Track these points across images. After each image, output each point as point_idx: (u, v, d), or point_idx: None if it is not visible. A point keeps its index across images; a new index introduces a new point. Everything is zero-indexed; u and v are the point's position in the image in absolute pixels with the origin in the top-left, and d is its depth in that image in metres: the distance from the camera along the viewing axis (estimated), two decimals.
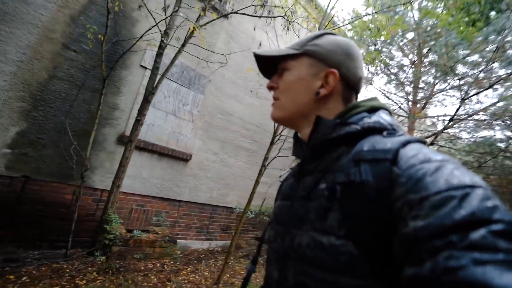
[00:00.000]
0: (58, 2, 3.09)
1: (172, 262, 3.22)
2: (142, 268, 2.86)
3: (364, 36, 4.89)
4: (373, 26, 4.07)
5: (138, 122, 3.05)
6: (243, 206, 4.78)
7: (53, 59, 3.04)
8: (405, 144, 0.40)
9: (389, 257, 0.35)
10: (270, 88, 0.60)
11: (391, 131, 0.46)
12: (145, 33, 3.15)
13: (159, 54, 3.19)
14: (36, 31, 2.94)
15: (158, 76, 3.21)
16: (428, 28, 5.64)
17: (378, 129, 0.47)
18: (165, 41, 3.19)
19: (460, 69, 5.62)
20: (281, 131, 3.29)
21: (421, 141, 0.42)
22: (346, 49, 0.56)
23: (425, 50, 6.28)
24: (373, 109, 0.51)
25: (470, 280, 0.25)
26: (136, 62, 3.65)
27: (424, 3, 5.34)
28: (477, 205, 0.29)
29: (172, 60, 3.21)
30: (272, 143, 3.07)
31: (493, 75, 5.54)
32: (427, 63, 6.52)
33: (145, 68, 3.70)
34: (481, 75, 5.24)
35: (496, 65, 5.12)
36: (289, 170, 0.70)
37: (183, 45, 3.23)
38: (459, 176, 0.32)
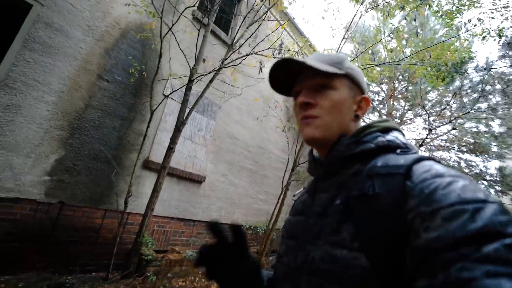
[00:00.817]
0: (95, 36, 3.30)
1: (198, 278, 3.46)
2: (177, 286, 3.08)
3: None
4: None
5: (171, 150, 3.32)
6: (249, 223, 5.14)
7: (89, 89, 3.21)
8: (418, 161, 0.42)
9: (401, 271, 0.35)
10: (305, 103, 0.56)
11: (405, 149, 0.48)
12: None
13: (188, 88, 3.53)
14: (76, 63, 3.11)
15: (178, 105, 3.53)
16: (405, 73, 6.89)
17: (392, 147, 0.49)
18: (194, 75, 3.54)
19: (428, 107, 6.92)
20: (298, 158, 3.77)
21: (434, 159, 0.43)
22: (364, 77, 0.61)
23: (397, 85, 7.50)
24: (387, 130, 0.53)
25: None
26: (159, 91, 3.92)
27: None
28: (490, 218, 0.29)
29: (200, 94, 3.56)
30: (292, 169, 3.54)
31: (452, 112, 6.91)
32: (400, 96, 7.75)
33: (167, 97, 3.98)
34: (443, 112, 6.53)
35: (454, 106, 6.49)
36: (302, 189, 0.70)
37: (211, 81, 3.61)
38: (472, 190, 0.33)
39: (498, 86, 6.32)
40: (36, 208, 2.76)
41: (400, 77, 6.93)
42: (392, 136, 0.51)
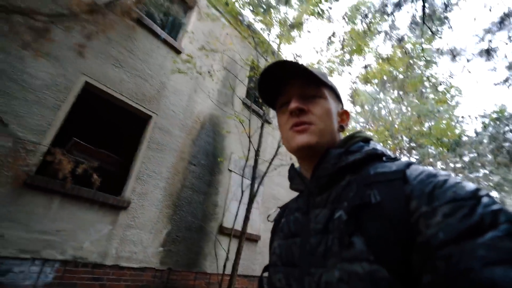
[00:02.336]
0: (186, 131, 4.33)
1: None
2: None
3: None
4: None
5: (248, 218, 4.15)
6: None
7: (183, 173, 4.13)
8: (409, 165, 0.45)
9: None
10: (299, 110, 0.56)
11: (389, 157, 0.51)
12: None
13: (254, 167, 4.50)
14: (175, 154, 4.08)
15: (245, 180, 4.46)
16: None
17: (378, 155, 0.51)
18: (259, 155, 4.54)
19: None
20: None
21: (419, 163, 0.54)
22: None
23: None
24: (367, 139, 0.56)
25: (480, 282, 0.27)
26: (225, 167, 4.86)
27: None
28: (484, 211, 0.32)
29: (265, 171, 4.52)
30: None
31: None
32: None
33: (231, 171, 4.92)
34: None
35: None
36: (277, 210, 0.72)
37: (272, 159, 4.61)
38: (465, 186, 0.36)
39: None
40: (154, 274, 3.45)
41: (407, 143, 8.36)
42: (374, 145, 0.54)
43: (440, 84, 5.04)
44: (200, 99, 4.68)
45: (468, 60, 4.14)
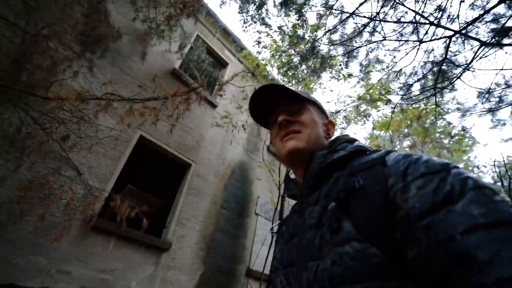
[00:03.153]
0: (219, 177, 4.74)
1: None
2: None
3: None
4: None
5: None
6: None
7: (216, 216, 4.45)
8: (388, 152, 0.49)
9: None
10: (287, 121, 0.65)
11: (372, 150, 0.55)
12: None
13: (281, 212, 4.76)
14: (209, 198, 4.45)
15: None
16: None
17: (362, 151, 0.56)
18: (285, 199, 4.83)
19: None
20: None
21: (394, 150, 0.51)
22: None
23: None
24: (351, 141, 0.61)
25: (457, 250, 0.29)
26: (252, 211, 5.15)
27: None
28: (454, 179, 0.35)
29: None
30: None
31: None
32: None
33: (258, 215, 5.19)
34: None
35: None
36: (280, 222, 0.75)
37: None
38: (436, 161, 0.39)
39: None
40: None
41: None
42: (359, 143, 0.59)
43: (453, 137, 5.29)
44: (231, 148, 5.18)
45: (479, 115, 4.47)
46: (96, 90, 3.33)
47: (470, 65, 2.66)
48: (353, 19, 3.38)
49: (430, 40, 3.28)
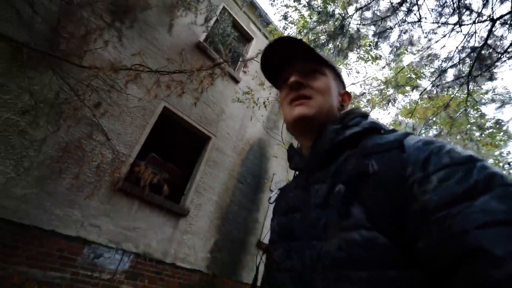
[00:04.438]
0: (237, 152, 4.89)
1: None
2: None
3: None
4: None
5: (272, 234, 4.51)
6: None
7: (232, 190, 4.66)
8: (407, 135, 0.45)
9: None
10: (298, 83, 0.58)
11: (387, 130, 0.52)
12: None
13: None
14: (227, 172, 4.63)
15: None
16: None
17: (376, 129, 0.52)
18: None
19: None
20: None
21: (411, 133, 0.47)
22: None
23: None
24: (364, 115, 0.56)
25: (470, 243, 0.28)
26: (267, 187, 5.31)
27: None
28: (480, 174, 0.33)
29: None
30: None
31: None
32: None
33: (272, 191, 5.35)
34: None
35: None
36: (277, 191, 0.72)
37: None
38: (460, 152, 0.37)
39: None
40: (201, 278, 3.94)
41: None
42: (371, 119, 0.55)
43: (486, 130, 4.94)
44: (251, 124, 5.25)
45: None
46: (125, 59, 3.46)
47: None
48: None
49: (474, 23, 3.02)
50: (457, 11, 2.84)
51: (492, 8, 2.82)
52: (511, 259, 0.26)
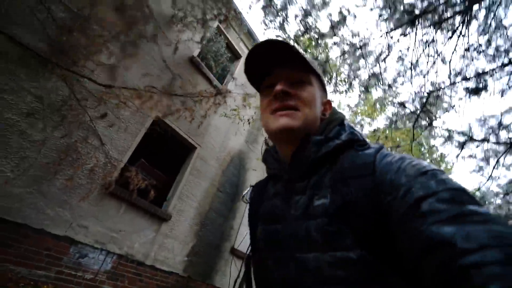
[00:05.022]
0: (219, 162, 5.21)
1: None
2: None
3: None
4: None
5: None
6: None
7: (212, 197, 4.95)
8: (375, 153, 0.49)
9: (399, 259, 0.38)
10: (284, 93, 0.56)
11: (361, 143, 0.55)
12: None
13: None
14: (208, 181, 4.93)
15: None
16: None
17: (353, 141, 0.54)
18: None
19: None
20: None
21: (382, 146, 0.52)
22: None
23: None
24: (342, 123, 0.59)
25: (430, 234, 0.32)
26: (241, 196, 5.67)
27: None
28: (430, 183, 0.37)
29: None
30: None
31: None
32: None
33: (247, 201, 5.72)
34: None
35: None
36: (250, 188, 0.99)
37: None
38: (416, 165, 0.42)
39: None
40: (177, 280, 4.16)
41: None
42: (349, 128, 0.58)
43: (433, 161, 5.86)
44: (233, 137, 5.62)
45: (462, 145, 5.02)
46: (126, 75, 3.67)
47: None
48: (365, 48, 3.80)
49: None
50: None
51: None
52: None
